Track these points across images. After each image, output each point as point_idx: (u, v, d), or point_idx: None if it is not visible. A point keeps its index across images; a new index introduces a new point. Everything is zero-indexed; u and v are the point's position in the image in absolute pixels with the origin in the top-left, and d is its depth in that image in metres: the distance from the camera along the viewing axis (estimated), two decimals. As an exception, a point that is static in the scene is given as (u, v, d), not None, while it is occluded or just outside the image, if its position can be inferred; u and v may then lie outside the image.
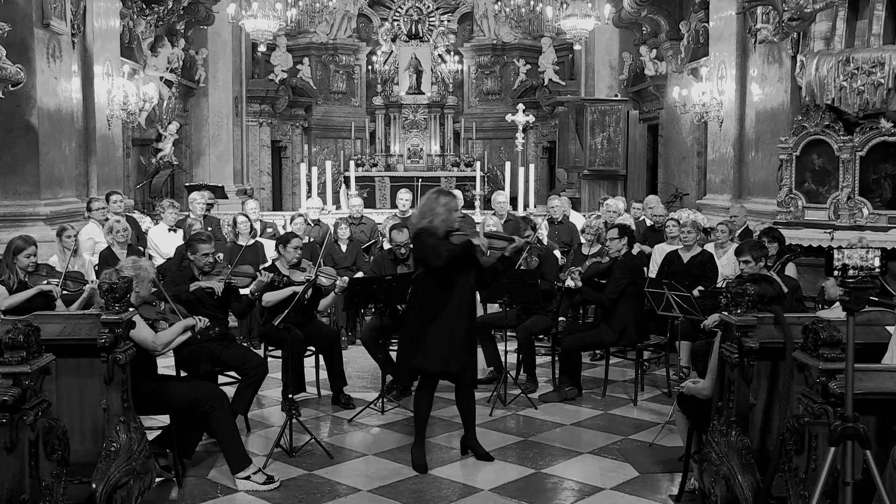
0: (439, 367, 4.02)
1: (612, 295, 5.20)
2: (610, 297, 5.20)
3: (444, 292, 3.99)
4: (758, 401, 3.17)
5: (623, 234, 5.33)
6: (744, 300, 3.15)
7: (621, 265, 5.26)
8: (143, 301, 3.91)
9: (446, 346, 3.98)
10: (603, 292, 5.26)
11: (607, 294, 5.22)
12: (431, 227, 4.03)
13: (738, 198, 8.25)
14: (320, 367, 5.43)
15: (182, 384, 4.08)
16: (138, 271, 3.88)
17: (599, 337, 5.33)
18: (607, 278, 5.28)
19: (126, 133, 9.60)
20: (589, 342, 5.40)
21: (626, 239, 5.34)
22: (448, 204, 4.06)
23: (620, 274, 5.24)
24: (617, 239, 5.31)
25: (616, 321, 5.23)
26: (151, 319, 3.86)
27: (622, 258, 5.27)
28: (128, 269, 3.85)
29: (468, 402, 4.26)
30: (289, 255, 5.24)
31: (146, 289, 3.92)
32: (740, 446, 3.05)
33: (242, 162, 13.40)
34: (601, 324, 5.34)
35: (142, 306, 3.86)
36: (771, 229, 5.57)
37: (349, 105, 16.24)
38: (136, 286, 3.82)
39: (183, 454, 3.97)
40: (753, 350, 3.06)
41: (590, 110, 11.34)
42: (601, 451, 4.36)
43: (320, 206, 8.25)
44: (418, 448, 4.14)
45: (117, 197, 7.15)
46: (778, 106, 7.49)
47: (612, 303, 5.19)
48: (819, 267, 5.95)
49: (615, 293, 5.21)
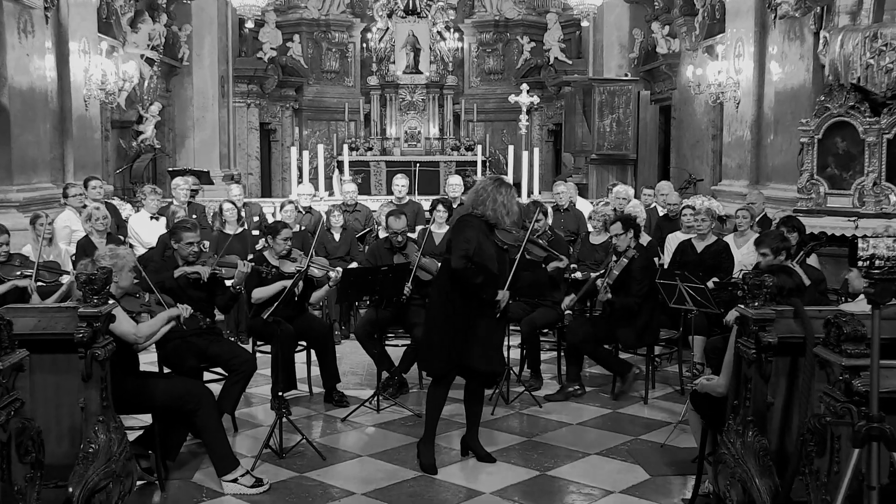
0: (485, 365, 4.05)
1: (639, 298, 5.16)
2: (637, 300, 5.16)
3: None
4: (776, 399, 3.16)
5: (628, 227, 5.26)
6: (761, 292, 3.13)
7: (639, 263, 5.20)
8: (125, 292, 3.89)
9: (487, 342, 4.01)
10: (629, 296, 5.18)
11: (634, 298, 5.16)
12: (487, 216, 4.01)
13: (755, 184, 8.23)
14: (312, 363, 5.43)
15: (165, 381, 4.07)
16: (116, 260, 3.86)
17: (618, 339, 5.33)
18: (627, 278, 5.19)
19: (104, 115, 9.55)
20: (599, 338, 5.35)
21: (633, 231, 5.29)
22: (510, 194, 4.04)
23: (640, 274, 5.18)
24: (623, 234, 5.24)
25: (637, 323, 5.19)
26: (135, 312, 3.85)
27: (639, 256, 5.22)
28: (105, 259, 3.83)
29: (479, 400, 4.28)
30: (278, 246, 5.23)
31: (127, 279, 3.90)
32: (757, 447, 3.05)
33: (229, 145, 13.35)
34: (619, 326, 5.25)
35: (124, 298, 3.85)
36: (790, 218, 5.55)
37: (342, 85, 16.18)
38: (116, 276, 3.80)
39: (166, 455, 3.96)
40: (772, 345, 3.05)
41: (598, 91, 11.29)
42: (610, 453, 4.36)
43: (312, 193, 8.24)
44: (427, 447, 4.13)
45: (96, 182, 7.13)
46: (799, 86, 7.46)
47: (639, 304, 5.16)
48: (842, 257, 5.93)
49: (641, 295, 5.16)
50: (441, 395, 4.16)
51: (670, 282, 5.13)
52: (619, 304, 5.20)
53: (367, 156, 15.25)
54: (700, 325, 5.42)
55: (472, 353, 4.00)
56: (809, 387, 2.84)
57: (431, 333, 4.13)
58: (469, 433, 4.28)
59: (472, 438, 4.27)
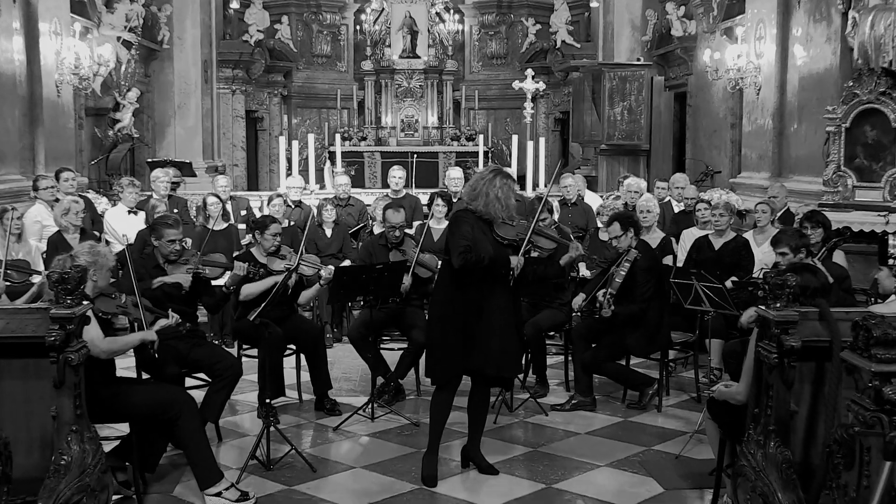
0: (494, 369, 4.05)
1: (644, 303, 5.13)
2: (641, 305, 5.13)
3: (487, 284, 3.98)
4: (800, 407, 3.16)
5: (626, 227, 5.20)
6: (784, 292, 3.13)
7: (642, 265, 5.16)
8: (101, 293, 3.89)
9: (495, 344, 3.99)
10: (633, 302, 5.13)
11: (637, 304, 5.12)
12: (480, 211, 4.01)
13: (777, 176, 8.23)
14: (302, 368, 5.42)
15: (144, 388, 4.07)
16: (96, 258, 3.85)
17: (627, 349, 5.31)
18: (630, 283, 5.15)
19: (78, 101, 9.54)
20: (613, 356, 5.33)
21: (633, 230, 5.25)
22: (506, 186, 4.03)
23: (644, 276, 5.14)
24: (622, 235, 5.19)
25: (646, 327, 5.17)
26: (110, 314, 3.84)
27: (642, 257, 5.18)
28: (84, 256, 3.83)
29: (485, 408, 4.28)
30: (266, 242, 5.22)
31: (105, 278, 3.90)
32: (780, 459, 3.04)
33: (213, 135, 13.34)
34: (628, 331, 5.21)
35: (99, 298, 3.84)
36: (815, 213, 5.55)
37: (334, 70, 16.17)
38: (94, 275, 3.80)
39: (144, 468, 3.95)
40: (795, 349, 3.04)
41: (608, 76, 11.29)
42: (621, 464, 4.36)
43: (302, 186, 8.24)
44: (430, 458, 4.14)
45: (68, 174, 7.11)
46: (825, 70, 7.45)
47: (644, 309, 5.14)
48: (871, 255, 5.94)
49: (645, 300, 5.13)
50: (446, 402, 4.16)
51: (686, 281, 5.13)
52: (622, 316, 5.16)
53: (360, 146, 15.27)
54: (717, 328, 5.41)
55: (478, 355, 3.99)
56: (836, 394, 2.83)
57: (434, 338, 4.13)
58: (471, 443, 4.28)
59: (474, 449, 4.27)
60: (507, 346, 4.04)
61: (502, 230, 4.04)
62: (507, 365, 4.11)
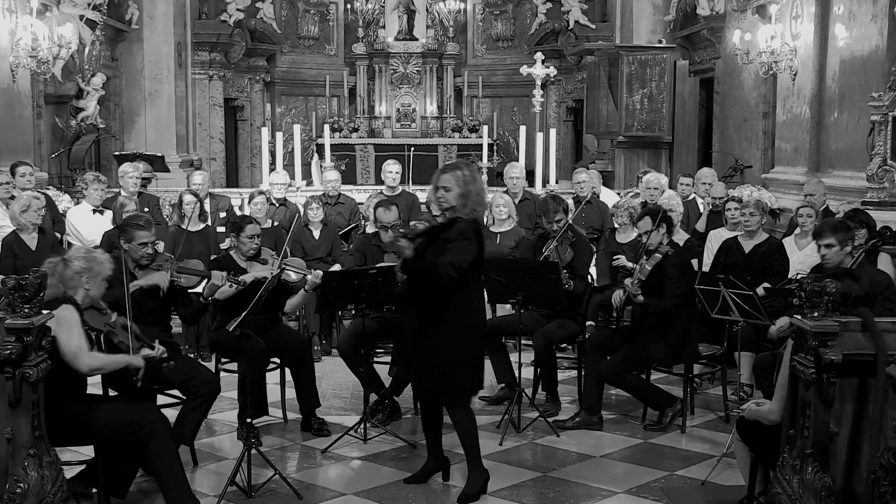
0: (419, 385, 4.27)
1: (677, 300, 5.15)
2: (675, 301, 5.15)
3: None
4: (841, 429, 3.15)
5: (659, 221, 5.25)
6: (822, 300, 3.13)
7: (674, 260, 5.20)
8: (91, 305, 3.90)
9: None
10: (665, 298, 5.16)
11: (670, 300, 5.15)
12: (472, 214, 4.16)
13: (815, 171, 8.23)
14: (287, 383, 5.41)
15: (111, 406, 4.06)
16: (91, 264, 3.88)
17: (651, 357, 5.29)
18: (658, 278, 5.18)
19: (37, 88, 9.53)
20: (634, 366, 5.34)
21: (665, 226, 5.27)
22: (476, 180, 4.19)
23: (677, 272, 5.17)
24: (654, 231, 5.23)
25: (672, 335, 5.17)
26: (96, 329, 3.84)
27: (672, 252, 5.21)
28: (78, 261, 3.84)
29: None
30: (244, 245, 5.22)
31: (98, 287, 3.92)
32: (819, 486, 3.04)
33: (187, 125, 13.35)
34: (651, 339, 5.23)
35: (88, 311, 3.85)
36: (857, 212, 5.55)
37: (323, 54, 16.18)
38: (88, 283, 3.82)
39: (112, 495, 3.94)
40: (835, 364, 3.04)
41: (626, 61, 11.27)
42: (640, 491, 4.34)
43: (287, 182, 8.23)
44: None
45: (25, 169, 7.11)
46: (870, 52, 7.43)
47: (677, 308, 5.14)
48: (919, 259, 5.90)
49: (678, 296, 5.15)
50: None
51: (713, 288, 5.12)
52: (653, 307, 5.19)
53: (352, 138, 15.27)
54: (748, 340, 5.40)
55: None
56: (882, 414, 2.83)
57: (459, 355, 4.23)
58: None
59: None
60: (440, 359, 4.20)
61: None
62: (432, 384, 4.27)
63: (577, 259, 5.59)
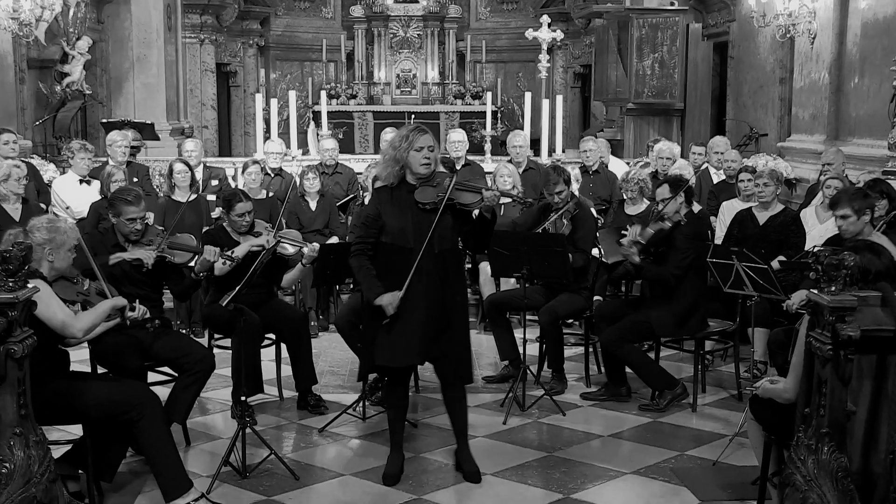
0: (402, 359, 4.18)
1: (678, 270, 5.16)
2: (675, 272, 5.16)
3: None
4: (858, 407, 3.15)
5: (677, 190, 5.25)
6: (840, 273, 3.11)
7: (686, 231, 5.20)
8: (60, 275, 3.88)
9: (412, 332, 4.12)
10: (665, 266, 5.20)
11: (671, 269, 5.17)
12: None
13: (833, 139, 8.17)
14: (282, 360, 5.42)
15: (100, 384, 4.06)
16: (54, 234, 3.85)
17: (652, 327, 5.28)
18: (666, 247, 5.21)
19: (19, 52, 9.45)
20: (637, 334, 5.33)
21: (684, 196, 5.27)
22: (403, 140, 4.11)
23: (686, 243, 5.18)
24: (671, 199, 5.22)
25: (676, 305, 5.18)
26: (69, 301, 3.84)
27: (686, 222, 5.20)
28: (40, 231, 3.82)
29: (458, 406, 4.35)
30: (235, 223, 5.20)
31: (65, 259, 3.91)
32: (835, 466, 3.04)
33: (178, 92, 13.27)
34: (655, 308, 5.25)
35: (57, 282, 3.85)
36: (878, 181, 5.53)
37: (319, 17, 16.08)
38: (51, 254, 3.80)
39: (100, 476, 3.95)
40: (852, 340, 3.03)
41: (637, 24, 11.20)
42: (650, 472, 4.36)
43: (282, 151, 8.22)
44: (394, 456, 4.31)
45: (8, 137, 7.09)
46: (894, 14, 7.35)
47: (677, 280, 5.15)
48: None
49: (681, 268, 5.16)
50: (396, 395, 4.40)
51: (725, 261, 5.11)
52: (646, 272, 5.24)
53: (349, 105, 15.23)
54: (762, 315, 5.40)
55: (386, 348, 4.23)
56: (901, 392, 2.82)
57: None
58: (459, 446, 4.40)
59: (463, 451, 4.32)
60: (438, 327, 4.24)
61: (420, 195, 4.10)
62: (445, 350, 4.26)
63: (578, 232, 5.57)
